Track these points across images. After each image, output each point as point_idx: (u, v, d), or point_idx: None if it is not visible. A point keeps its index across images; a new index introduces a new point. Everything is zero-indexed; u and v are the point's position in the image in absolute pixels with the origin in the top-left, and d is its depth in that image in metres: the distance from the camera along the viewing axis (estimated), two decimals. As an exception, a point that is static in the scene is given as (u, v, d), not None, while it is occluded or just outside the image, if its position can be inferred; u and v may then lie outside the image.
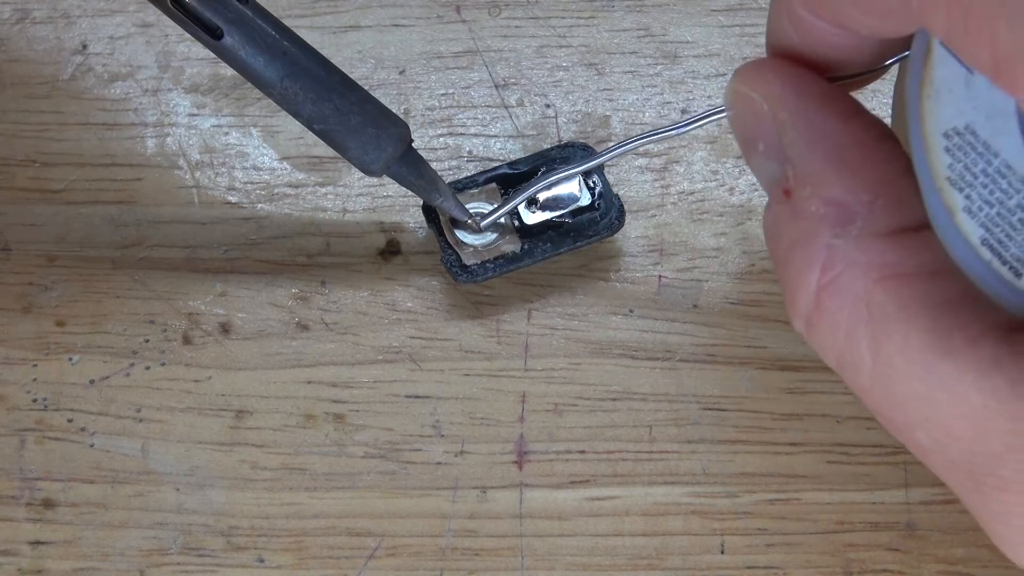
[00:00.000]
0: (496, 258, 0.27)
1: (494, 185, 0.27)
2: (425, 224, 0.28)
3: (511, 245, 0.27)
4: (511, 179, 0.28)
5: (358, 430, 0.28)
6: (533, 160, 0.28)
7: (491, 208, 0.27)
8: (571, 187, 0.27)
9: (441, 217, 0.27)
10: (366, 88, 0.25)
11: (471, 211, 0.27)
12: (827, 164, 0.18)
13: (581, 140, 0.29)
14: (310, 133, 0.24)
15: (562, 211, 0.27)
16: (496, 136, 0.30)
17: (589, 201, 0.27)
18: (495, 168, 0.28)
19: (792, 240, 0.18)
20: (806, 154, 0.18)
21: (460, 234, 0.27)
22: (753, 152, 0.19)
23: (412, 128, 0.26)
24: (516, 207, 0.27)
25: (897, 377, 0.17)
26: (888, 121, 0.21)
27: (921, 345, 0.17)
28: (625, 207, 0.27)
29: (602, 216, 0.27)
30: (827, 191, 0.18)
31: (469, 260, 0.27)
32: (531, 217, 0.27)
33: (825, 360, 0.18)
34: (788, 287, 0.18)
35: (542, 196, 0.27)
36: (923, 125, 0.17)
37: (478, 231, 0.27)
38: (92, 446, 0.28)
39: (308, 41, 0.24)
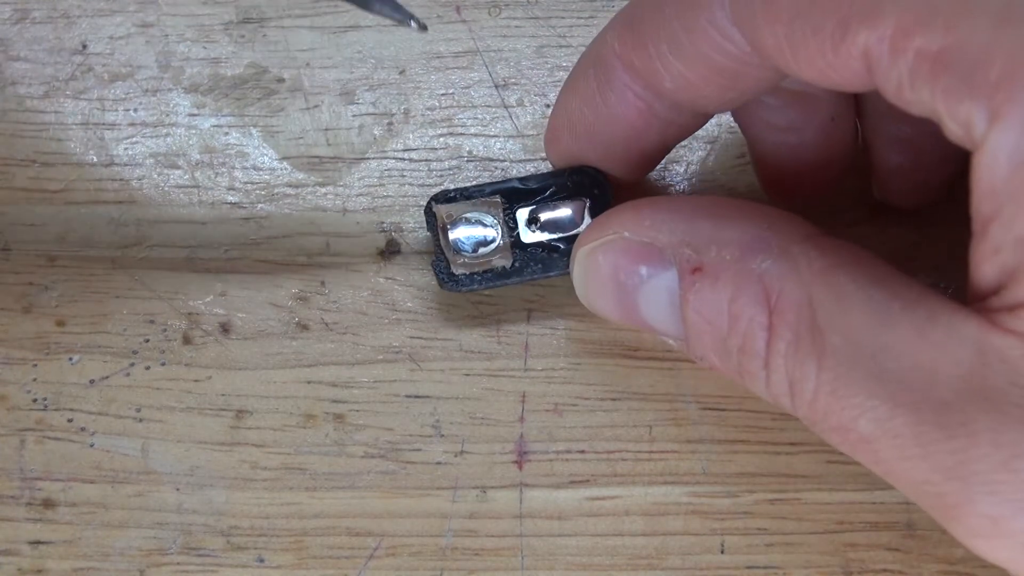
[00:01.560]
0: (485, 271, 0.27)
1: (498, 198, 0.27)
2: (425, 224, 0.28)
3: (503, 260, 0.27)
4: (520, 194, 0.27)
5: (358, 430, 0.28)
6: (544, 179, 0.27)
7: (491, 221, 0.27)
8: (574, 212, 0.27)
9: (439, 222, 0.27)
10: (366, 88, 0.25)
11: (470, 214, 0.26)
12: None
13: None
14: (310, 133, 0.24)
15: (561, 235, 0.27)
16: (496, 136, 0.30)
17: None
18: (505, 181, 0.27)
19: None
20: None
21: (455, 241, 0.27)
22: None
23: (412, 128, 0.25)
24: (516, 222, 0.27)
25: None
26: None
27: None
28: None
29: None
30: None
31: (458, 270, 0.27)
32: (529, 236, 0.27)
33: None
34: None
35: (543, 216, 0.27)
36: None
37: (423, 28, 0.24)
38: (92, 446, 0.28)
39: (308, 41, 0.24)
